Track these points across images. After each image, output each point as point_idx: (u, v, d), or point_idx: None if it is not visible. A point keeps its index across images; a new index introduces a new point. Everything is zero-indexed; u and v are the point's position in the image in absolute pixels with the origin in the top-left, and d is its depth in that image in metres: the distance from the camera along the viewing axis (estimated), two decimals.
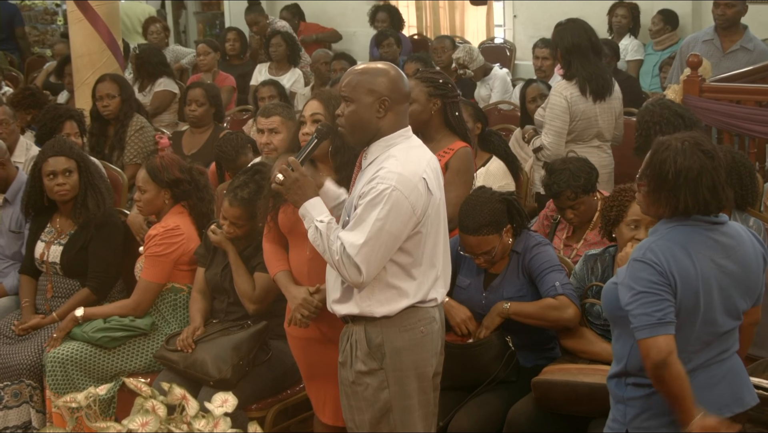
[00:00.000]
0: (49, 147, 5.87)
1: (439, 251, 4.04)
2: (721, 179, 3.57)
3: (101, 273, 5.72)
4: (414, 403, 4.05)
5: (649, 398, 3.62)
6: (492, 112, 8.80)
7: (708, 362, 3.63)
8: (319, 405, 4.68)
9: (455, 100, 5.19)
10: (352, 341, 4.05)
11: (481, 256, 4.68)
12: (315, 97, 4.55)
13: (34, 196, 5.83)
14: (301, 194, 4.01)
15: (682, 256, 3.53)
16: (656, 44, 10.52)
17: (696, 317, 3.55)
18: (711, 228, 3.61)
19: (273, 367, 5.13)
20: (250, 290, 5.03)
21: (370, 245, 3.82)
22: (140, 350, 5.48)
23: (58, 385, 5.35)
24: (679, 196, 3.55)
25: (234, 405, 3.57)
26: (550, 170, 5.36)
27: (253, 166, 5.26)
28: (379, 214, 3.81)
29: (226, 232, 5.11)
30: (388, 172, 3.85)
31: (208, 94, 7.74)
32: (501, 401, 4.62)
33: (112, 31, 8.39)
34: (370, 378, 4.01)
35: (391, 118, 3.97)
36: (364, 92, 3.96)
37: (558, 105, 6.63)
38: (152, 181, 5.50)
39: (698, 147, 3.57)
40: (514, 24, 12.64)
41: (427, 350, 4.05)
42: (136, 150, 7.64)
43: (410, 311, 3.99)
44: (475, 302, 4.77)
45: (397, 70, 4.04)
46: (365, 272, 3.84)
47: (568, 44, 6.69)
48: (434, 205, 3.95)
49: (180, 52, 12.27)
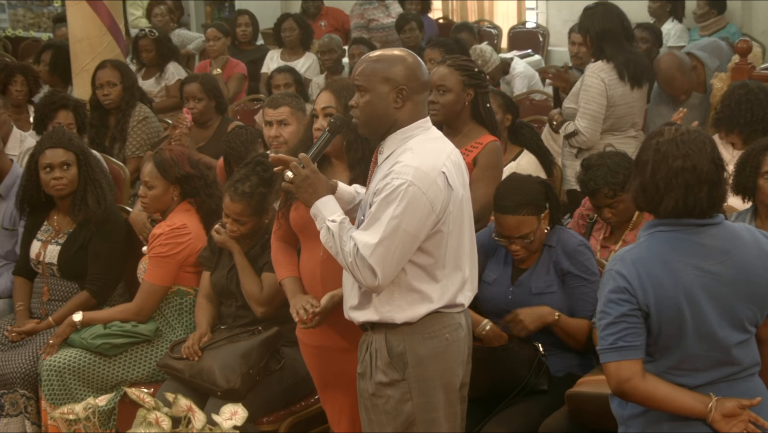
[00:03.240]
0: (46, 138, 5.88)
1: (464, 251, 4.03)
2: (702, 180, 3.49)
3: (101, 275, 5.74)
4: (440, 416, 4.05)
5: (647, 414, 3.62)
6: (523, 102, 8.80)
7: (718, 381, 3.59)
8: (334, 418, 4.68)
9: (487, 91, 5.21)
10: (371, 350, 4.04)
11: (519, 241, 4.69)
12: (327, 88, 4.51)
13: (30, 190, 5.83)
14: (312, 192, 3.99)
15: (655, 266, 3.51)
16: (702, 29, 10.50)
17: (684, 332, 3.52)
18: (698, 231, 3.55)
19: (285, 376, 5.14)
20: (258, 292, 5.05)
21: (386, 245, 3.81)
22: (143, 357, 5.50)
23: (55, 395, 5.36)
24: (651, 189, 3.53)
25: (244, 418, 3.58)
26: (587, 166, 5.35)
27: (253, 158, 5.24)
28: (394, 212, 3.80)
29: (230, 231, 5.12)
30: (404, 166, 3.84)
31: (205, 87, 7.68)
32: (533, 413, 4.61)
33: (112, 14, 8.40)
34: (391, 390, 4.01)
35: (409, 108, 3.96)
36: (380, 81, 3.95)
37: (594, 86, 6.62)
38: (161, 177, 5.50)
39: (687, 142, 3.52)
40: (548, 7, 12.64)
41: (453, 358, 4.04)
42: (140, 142, 7.66)
43: (434, 316, 3.98)
44: (501, 298, 4.79)
45: (414, 57, 4.02)
46: (381, 274, 3.83)
47: (599, 29, 6.69)
48: (456, 201, 3.94)
49: (186, 37, 12.32)
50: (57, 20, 12.61)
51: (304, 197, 4.01)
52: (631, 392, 3.55)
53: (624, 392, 3.56)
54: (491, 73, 9.08)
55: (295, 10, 12.50)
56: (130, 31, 11.76)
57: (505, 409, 4.64)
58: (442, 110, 5.12)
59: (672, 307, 3.50)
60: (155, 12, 12.11)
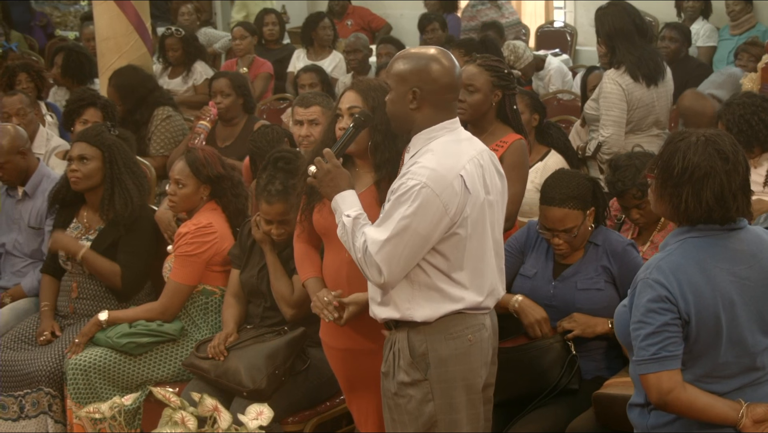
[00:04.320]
0: (81, 131, 5.93)
1: (487, 254, 4.01)
2: (733, 186, 3.47)
3: (131, 262, 5.71)
4: (462, 417, 4.04)
5: (673, 424, 3.59)
6: (551, 102, 8.78)
7: (744, 386, 3.57)
8: (361, 420, 4.67)
9: (514, 93, 5.21)
10: (395, 350, 4.05)
11: (562, 234, 4.69)
12: (352, 88, 4.49)
13: (63, 183, 5.88)
14: (333, 186, 4.03)
15: (694, 273, 3.48)
16: (733, 28, 10.42)
17: (720, 339, 3.50)
18: (728, 236, 3.54)
19: (311, 377, 5.14)
20: (288, 294, 5.04)
21: (393, 243, 3.82)
22: (168, 357, 5.51)
23: (80, 394, 5.38)
24: (682, 196, 3.49)
25: (269, 418, 3.58)
26: (615, 166, 5.34)
27: (269, 158, 5.21)
28: (405, 212, 3.82)
29: (276, 235, 5.08)
30: (421, 167, 3.85)
31: (234, 84, 7.71)
32: (561, 415, 4.60)
33: (139, 12, 8.41)
34: (413, 390, 4.01)
35: (428, 109, 3.96)
36: (398, 81, 3.98)
37: (613, 93, 6.62)
38: (193, 176, 5.49)
39: (714, 145, 3.49)
40: (576, 6, 12.61)
41: (475, 359, 4.04)
42: (164, 140, 7.69)
43: (456, 317, 3.98)
44: (542, 293, 4.79)
45: (443, 58, 3.99)
46: (386, 272, 3.84)
47: (609, 29, 6.69)
48: (475, 204, 3.92)
49: (212, 36, 12.35)
50: (84, 19, 12.66)
51: (326, 191, 4.06)
52: (673, 403, 3.50)
53: (666, 404, 3.51)
54: (524, 69, 9.04)
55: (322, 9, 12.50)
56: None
57: (534, 410, 4.63)
58: (469, 109, 5.12)
59: (711, 314, 3.48)
60: (181, 11, 12.15)
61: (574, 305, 4.75)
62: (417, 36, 11.44)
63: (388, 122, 4.19)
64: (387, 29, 12.80)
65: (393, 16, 13.20)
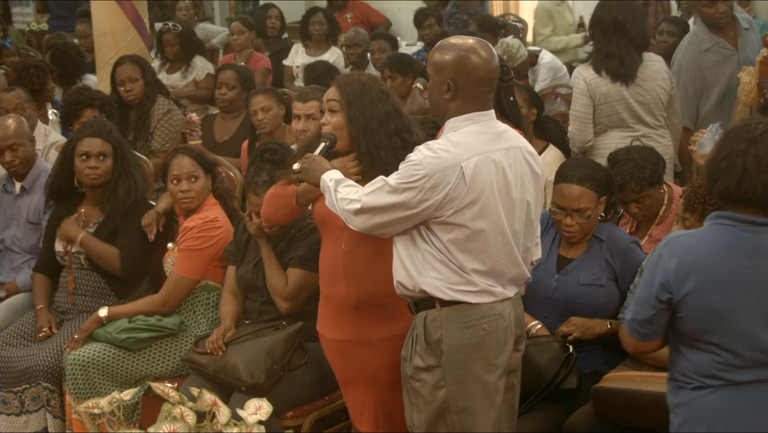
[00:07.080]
0: (87, 126, 5.90)
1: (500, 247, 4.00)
2: (761, 169, 3.49)
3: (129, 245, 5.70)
4: (474, 405, 4.05)
5: (691, 404, 3.62)
6: (549, 96, 8.77)
7: (761, 381, 3.58)
8: (356, 413, 4.68)
9: (510, 84, 5.20)
10: (413, 335, 4.09)
11: (575, 216, 4.72)
12: (334, 83, 4.52)
13: (63, 178, 5.84)
14: (319, 169, 4.13)
15: (707, 257, 3.53)
16: None
17: (720, 326, 3.53)
18: (757, 231, 3.55)
19: (309, 372, 5.15)
20: (282, 287, 5.06)
21: (375, 195, 3.93)
22: (167, 352, 5.52)
23: (79, 390, 5.39)
24: (713, 166, 3.58)
25: (268, 412, 3.60)
26: (613, 160, 5.35)
27: (255, 152, 5.25)
28: (395, 176, 3.91)
29: (267, 228, 5.08)
30: (426, 147, 3.93)
31: (240, 77, 7.77)
32: (559, 411, 4.61)
33: (137, 8, 8.41)
34: (427, 375, 4.04)
35: (460, 101, 4.02)
36: (436, 70, 4.06)
37: (577, 88, 6.66)
38: (200, 167, 5.52)
39: (758, 129, 3.54)
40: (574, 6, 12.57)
41: (490, 348, 4.04)
42: (166, 135, 7.67)
43: (473, 305, 4.01)
44: (544, 284, 4.80)
45: (478, 51, 4.02)
46: (362, 202, 3.93)
47: (593, 18, 6.69)
48: (476, 197, 3.92)
49: (210, 31, 12.33)
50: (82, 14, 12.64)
51: (313, 177, 4.15)
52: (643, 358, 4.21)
53: (638, 355, 4.08)
54: (517, 68, 8.97)
55: (321, 4, 12.49)
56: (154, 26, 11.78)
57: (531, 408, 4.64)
58: None
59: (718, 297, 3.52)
60: (179, 6, 12.14)
61: (576, 300, 4.77)
62: (415, 31, 11.45)
63: (364, 116, 4.27)
64: (386, 25, 12.78)
65: (391, 11, 13.17)
